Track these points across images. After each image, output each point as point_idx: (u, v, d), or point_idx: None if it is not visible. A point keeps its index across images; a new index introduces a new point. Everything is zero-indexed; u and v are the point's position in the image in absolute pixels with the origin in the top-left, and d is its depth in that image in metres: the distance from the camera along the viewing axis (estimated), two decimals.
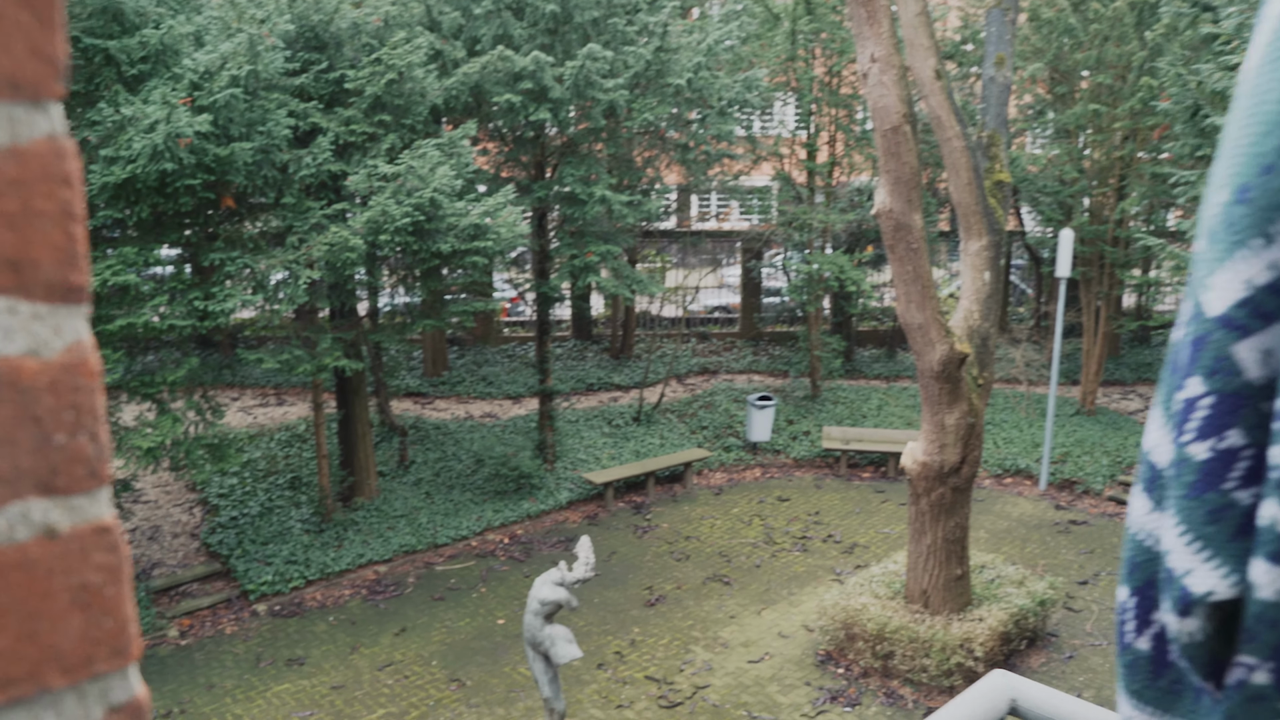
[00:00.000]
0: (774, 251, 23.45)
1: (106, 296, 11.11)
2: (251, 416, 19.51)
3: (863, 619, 11.16)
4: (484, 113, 14.95)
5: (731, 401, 19.74)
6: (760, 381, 21.34)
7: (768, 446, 18.27)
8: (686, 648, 11.89)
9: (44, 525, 0.57)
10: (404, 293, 16.15)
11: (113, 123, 10.75)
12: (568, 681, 11.02)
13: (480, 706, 10.75)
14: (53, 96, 0.58)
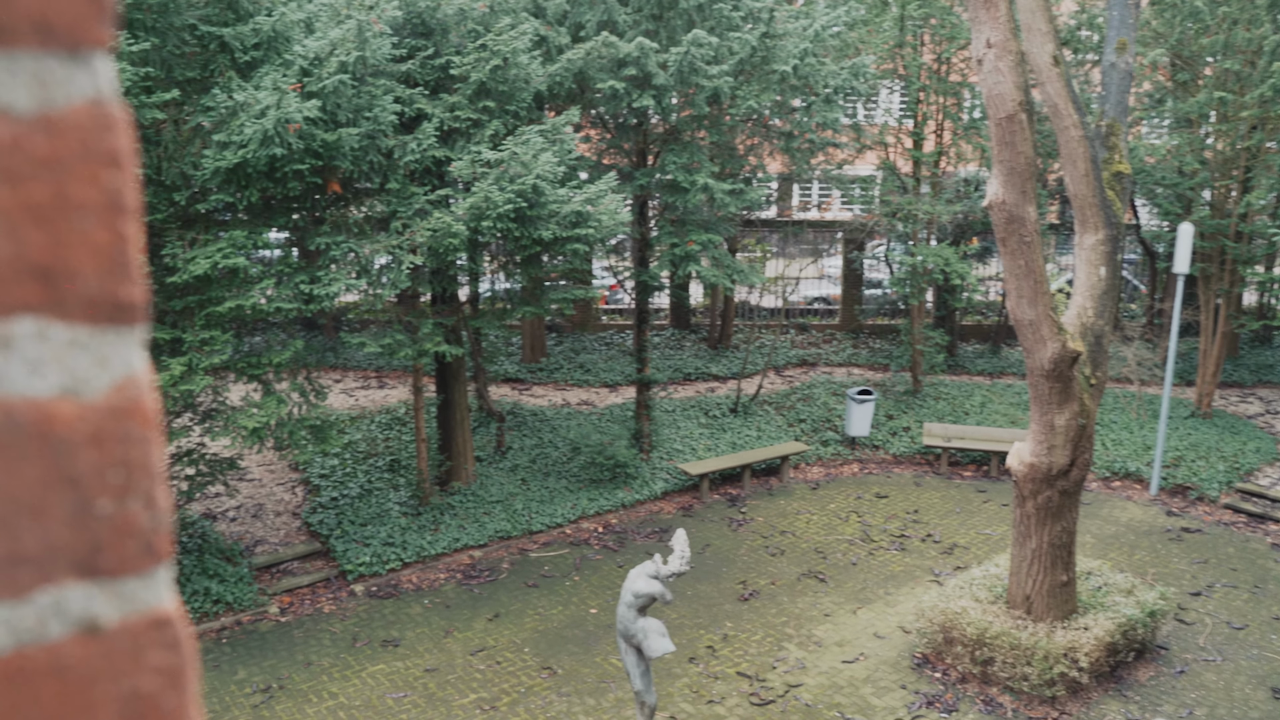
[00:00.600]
0: (877, 242, 22.98)
1: (217, 279, 11.32)
2: (353, 399, 19.82)
3: (962, 623, 10.83)
4: (587, 99, 14.88)
5: (830, 395, 19.40)
6: (860, 375, 20.95)
7: (866, 442, 17.91)
8: (780, 645, 11.69)
9: (84, 618, 0.43)
10: (504, 279, 16.19)
11: (226, 108, 10.94)
12: (659, 675, 10.93)
13: (571, 696, 10.72)
14: (97, 45, 0.44)
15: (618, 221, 13.12)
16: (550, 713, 10.43)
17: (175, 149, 11.45)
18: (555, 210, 12.52)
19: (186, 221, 11.85)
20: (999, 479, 16.88)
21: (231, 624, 12.29)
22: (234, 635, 12.08)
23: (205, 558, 13.16)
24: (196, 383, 10.95)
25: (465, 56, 12.68)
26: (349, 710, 10.55)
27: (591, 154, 16.39)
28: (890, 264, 21.67)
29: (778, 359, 21.29)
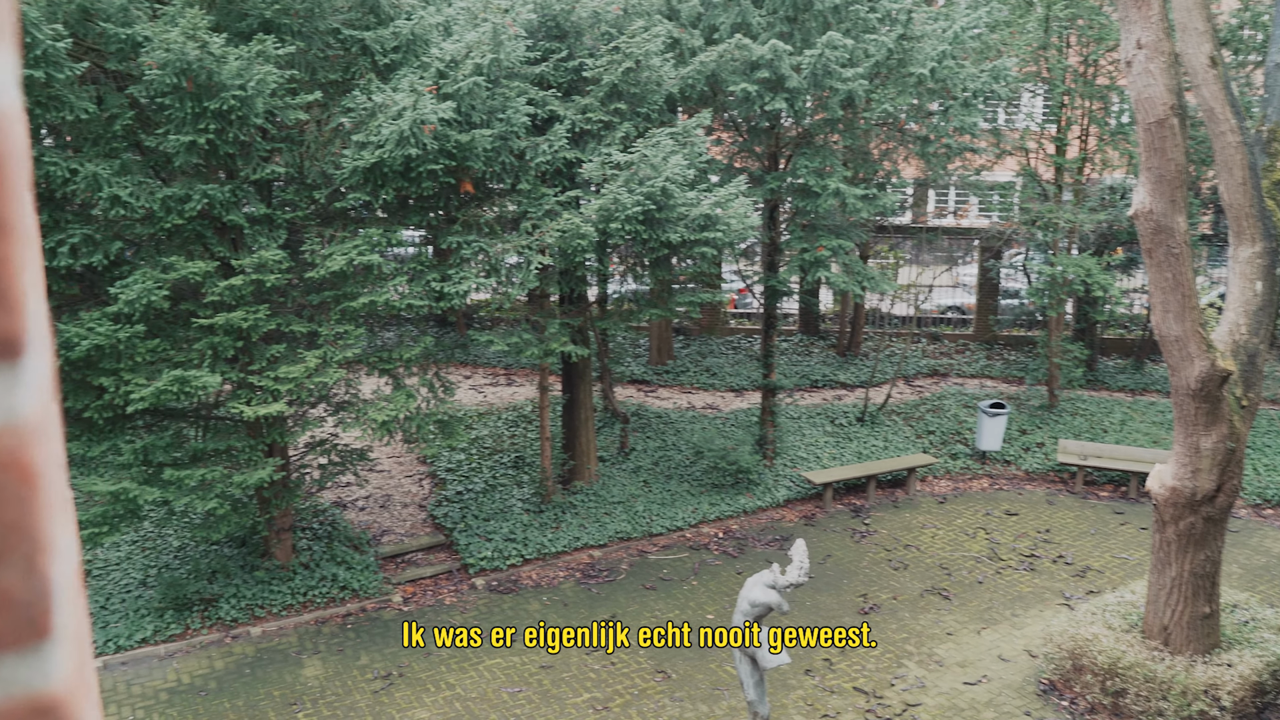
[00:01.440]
0: (1014, 251, 22.26)
1: (352, 275, 11.65)
2: (481, 395, 20.17)
3: (1093, 650, 10.37)
4: (719, 102, 14.81)
5: (961, 407, 18.88)
6: (993, 387, 20.33)
7: (997, 456, 17.36)
8: (899, 661, 11.41)
9: None
10: (632, 281, 16.24)
11: (365, 110, 11.25)
12: (774, 685, 10.78)
13: (684, 701, 10.66)
14: None
15: (746, 225, 13.02)
16: (662, 717, 10.39)
17: (316, 148, 11.83)
18: (684, 213, 12.49)
19: (325, 219, 12.23)
20: (1138, 501, 16.15)
21: (356, 610, 12.62)
22: (358, 622, 12.40)
23: (334, 545, 13.56)
24: (330, 375, 11.28)
25: (598, 59, 12.76)
26: (465, 702, 10.71)
27: (723, 157, 16.32)
28: (1028, 273, 20.96)
29: (908, 368, 20.83)
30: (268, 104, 10.68)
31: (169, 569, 12.94)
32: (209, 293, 10.84)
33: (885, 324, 23.11)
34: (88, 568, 13.12)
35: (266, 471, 11.31)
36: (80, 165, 10.17)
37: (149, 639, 11.73)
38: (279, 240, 11.49)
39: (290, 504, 12.82)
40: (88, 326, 10.30)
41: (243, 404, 11.03)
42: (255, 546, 13.33)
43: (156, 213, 10.59)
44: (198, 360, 10.95)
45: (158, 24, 10.06)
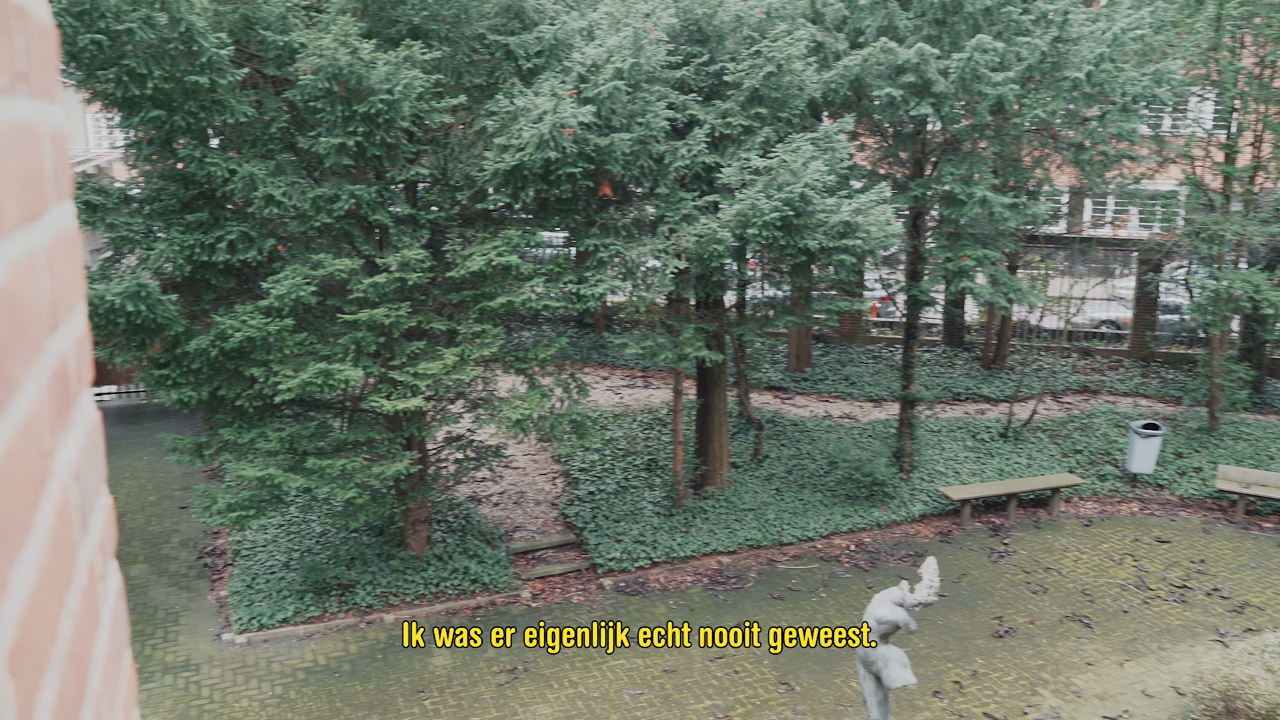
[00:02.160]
0: (1176, 264, 21.17)
1: (490, 275, 11.86)
2: (618, 396, 20.31)
3: (1249, 693, 9.74)
4: (863, 107, 14.54)
5: (1112, 426, 18.05)
6: (1147, 407, 19.37)
7: (1150, 480, 16.53)
8: (1034, 689, 10.97)
9: None
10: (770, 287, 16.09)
11: (507, 113, 11.45)
12: (900, 705, 10.51)
13: (806, 715, 10.49)
14: None
15: (887, 233, 12.73)
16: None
17: (460, 151, 12.11)
18: (823, 220, 12.31)
19: (467, 220, 12.50)
20: None
21: (486, 604, 12.86)
22: (487, 614, 12.63)
23: (467, 539, 13.85)
24: (467, 373, 11.53)
25: (739, 63, 12.68)
26: (587, 701, 10.79)
27: (867, 163, 16.01)
28: (1190, 288, 19.89)
29: (1056, 384, 20.05)
30: (414, 107, 10.97)
31: (311, 553, 13.44)
32: (354, 289, 11.20)
33: (1033, 337, 22.30)
34: (237, 548, 13.74)
35: (404, 464, 11.62)
36: (239, 166, 10.66)
37: (289, 619, 12.21)
38: (422, 240, 11.79)
39: (426, 496, 13.15)
40: (241, 319, 10.78)
41: (383, 398, 11.37)
42: (392, 536, 13.73)
43: (307, 212, 11.01)
44: (342, 354, 11.33)
45: (313, 31, 10.46)
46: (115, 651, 0.95)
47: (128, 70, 9.79)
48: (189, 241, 10.90)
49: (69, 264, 0.88)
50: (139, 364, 11.47)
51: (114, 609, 0.96)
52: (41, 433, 0.70)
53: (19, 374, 0.64)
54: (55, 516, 0.73)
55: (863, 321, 23.35)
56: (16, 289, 0.66)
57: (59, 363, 0.80)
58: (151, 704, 10.72)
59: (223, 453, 11.90)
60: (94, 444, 0.93)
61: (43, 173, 0.81)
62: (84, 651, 0.79)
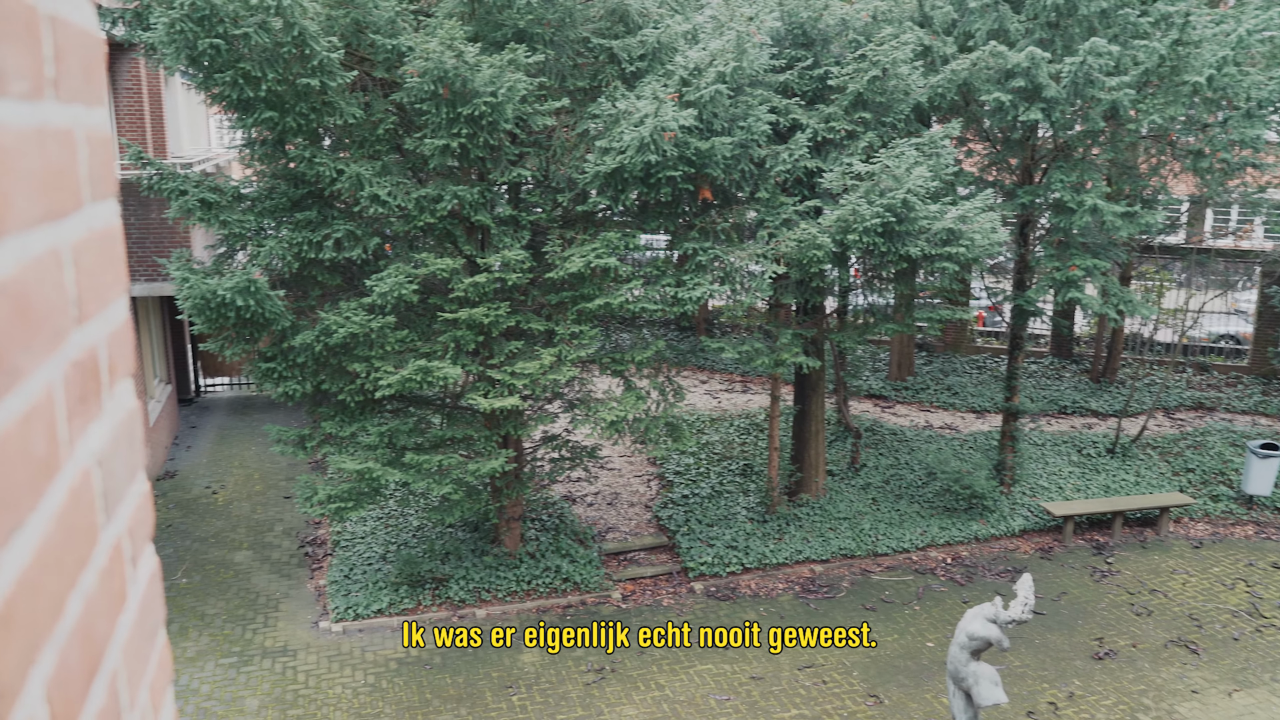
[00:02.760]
0: None
1: (589, 277, 11.96)
2: (716, 400, 20.28)
3: None
4: (971, 112, 14.26)
5: (1228, 445, 17.34)
6: (1267, 426, 18.56)
7: (1267, 502, 15.83)
8: (1134, 715, 10.61)
9: None
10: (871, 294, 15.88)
11: (609, 116, 11.54)
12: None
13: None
14: None
15: (992, 241, 12.46)
16: None
17: (562, 153, 12.23)
18: (925, 226, 12.11)
19: (568, 221, 12.63)
20: None
21: (576, 603, 12.96)
22: (577, 613, 12.73)
23: (560, 538, 13.98)
24: (564, 373, 11.64)
25: (844, 67, 12.55)
26: (673, 704, 10.80)
27: (974, 169, 15.69)
28: None
29: (1168, 399, 19.35)
30: (517, 110, 11.13)
31: (407, 547, 13.72)
32: (455, 289, 11.41)
33: (1146, 350, 21.57)
34: (337, 538, 14.11)
35: (499, 462, 11.78)
36: (346, 166, 10.95)
37: (384, 610, 12.49)
38: (523, 241, 11.95)
39: (521, 494, 13.32)
40: (345, 315, 11.07)
41: (480, 396, 11.55)
42: (486, 533, 13.93)
43: (411, 211, 11.26)
44: (441, 352, 11.55)
45: (420, 35, 10.69)
46: (144, 632, 0.99)
47: (243, 73, 10.14)
48: (297, 239, 11.24)
49: (104, 261, 0.92)
50: (248, 357, 11.86)
51: (145, 592, 1.00)
52: (53, 420, 0.74)
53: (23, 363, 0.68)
54: (68, 499, 0.76)
55: (968, 331, 22.89)
56: (27, 283, 0.69)
57: (84, 355, 0.84)
58: (250, 686, 11.08)
59: (325, 445, 12.23)
60: (127, 434, 0.97)
61: (75, 173, 0.85)
62: (99, 629, 0.82)
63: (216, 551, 14.11)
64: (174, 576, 13.42)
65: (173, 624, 12.32)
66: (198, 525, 14.89)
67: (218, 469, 16.92)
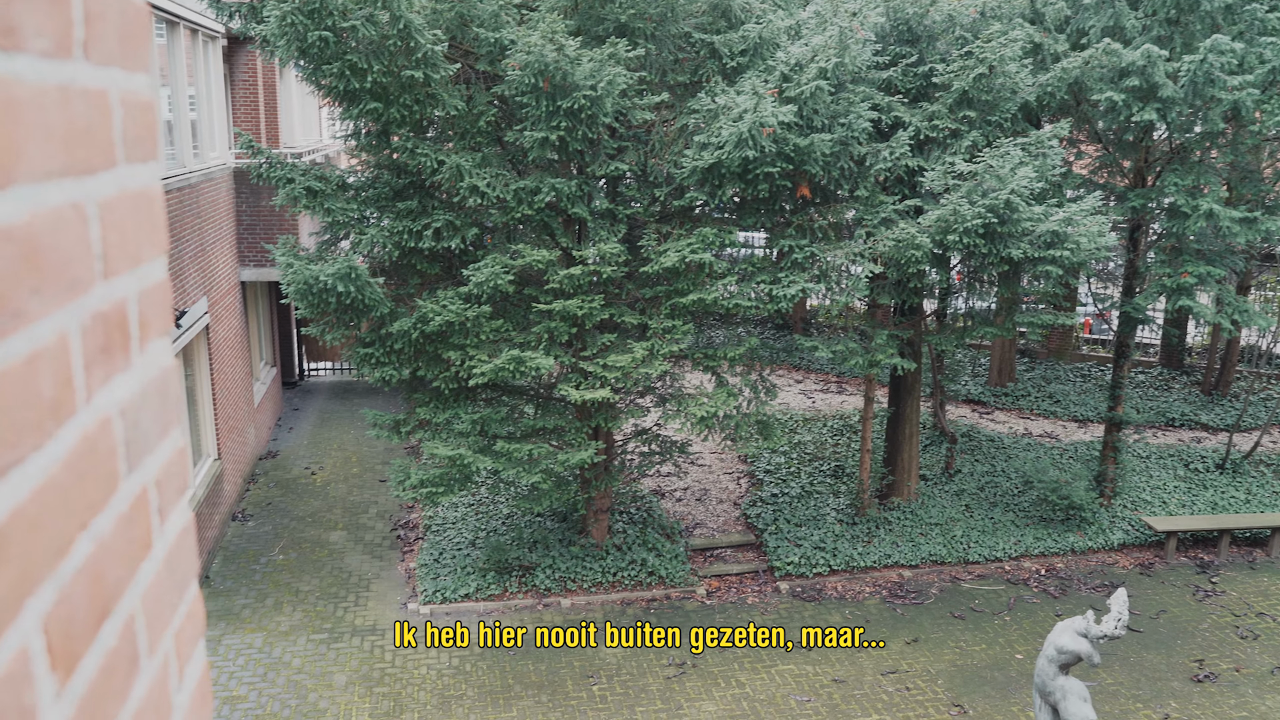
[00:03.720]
0: None
1: (684, 272, 11.96)
2: (810, 400, 20.11)
3: None
4: (1082, 112, 13.86)
5: None
6: None
7: None
8: None
9: None
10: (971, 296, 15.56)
11: (708, 111, 11.51)
12: None
13: None
14: None
15: (1099, 245, 12.10)
16: None
17: (661, 148, 12.25)
18: (1028, 228, 11.82)
19: (664, 216, 12.64)
20: None
21: (661, 597, 12.99)
22: (660, 608, 12.75)
23: (648, 531, 14.02)
24: (656, 367, 11.67)
25: (949, 64, 12.32)
26: (752, 702, 10.75)
27: (1084, 171, 15.26)
28: None
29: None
30: (616, 104, 11.18)
31: (496, 534, 13.91)
32: (550, 280, 11.52)
33: (1264, 363, 20.71)
34: (428, 523, 14.38)
35: (589, 453, 11.86)
36: (447, 157, 11.13)
37: (471, 595, 12.69)
38: (619, 234, 12.00)
39: (610, 487, 13.39)
40: (442, 304, 11.26)
41: (572, 387, 11.65)
42: (574, 523, 14.05)
43: (509, 203, 11.40)
44: (535, 342, 11.68)
45: (523, 28, 10.81)
46: (171, 582, 1.02)
47: (350, 64, 10.38)
48: (398, 228, 11.48)
49: (138, 221, 0.95)
50: (347, 342, 12.16)
51: (174, 544, 1.04)
52: (67, 366, 0.77)
53: (30, 307, 0.71)
54: (81, 444, 0.79)
55: (1073, 337, 22.27)
56: (38, 231, 0.72)
57: (109, 308, 0.87)
58: (339, 662, 11.36)
59: (419, 431, 12.47)
60: (159, 390, 1.00)
61: (107, 134, 0.88)
62: (113, 573, 0.85)
63: (313, 530, 14.50)
64: (271, 553, 13.83)
65: (268, 599, 12.70)
66: (296, 504, 15.32)
67: (317, 451, 17.38)
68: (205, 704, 1.13)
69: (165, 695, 0.99)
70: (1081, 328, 22.95)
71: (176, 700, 1.03)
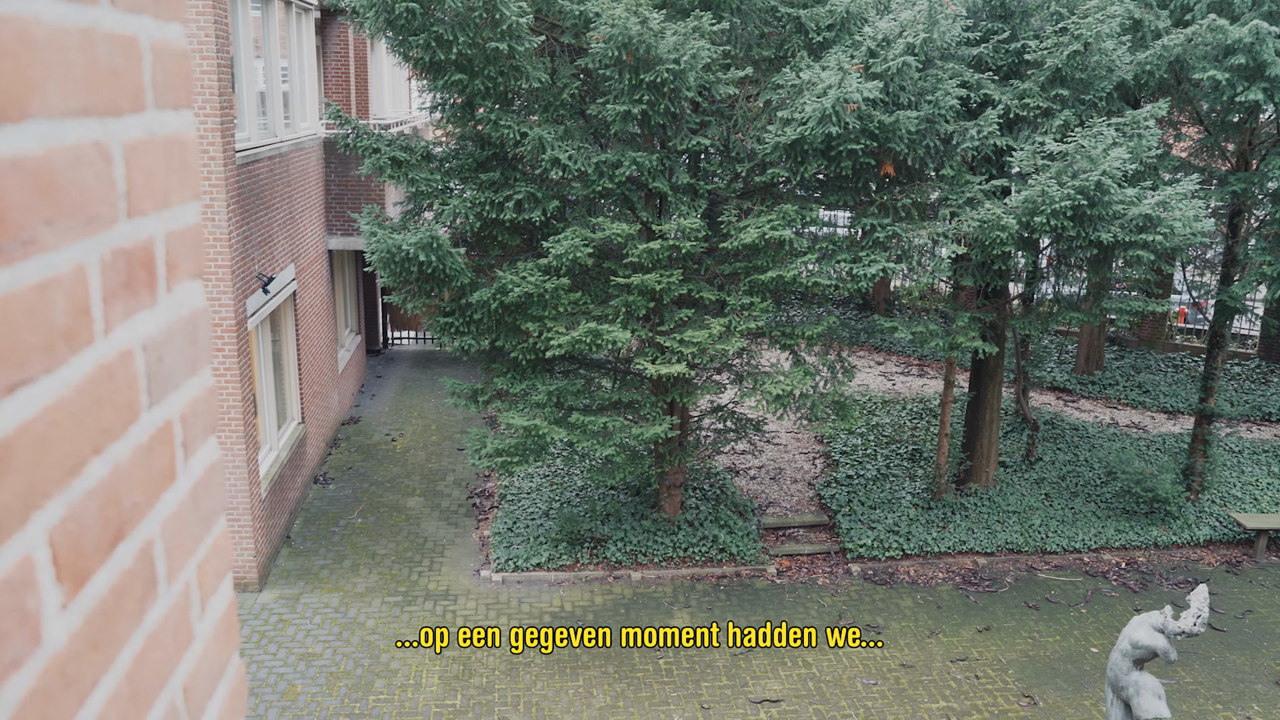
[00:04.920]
0: None
1: (763, 248, 11.88)
2: (890, 382, 19.88)
3: None
4: (1182, 91, 13.41)
5: None
6: None
7: None
8: None
9: None
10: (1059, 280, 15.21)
11: (792, 86, 11.40)
12: None
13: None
14: None
15: (1194, 230, 11.72)
16: None
17: (744, 123, 12.17)
18: (1120, 211, 11.50)
19: (746, 192, 12.57)
20: None
21: (731, 574, 13.00)
22: (730, 585, 12.77)
23: (720, 508, 14.03)
24: (732, 343, 11.63)
25: (1043, 41, 12.01)
26: (818, 682, 10.72)
27: (1184, 153, 14.78)
28: None
29: None
30: (700, 78, 11.13)
31: (569, 505, 14.05)
32: (629, 254, 11.54)
33: None
34: (503, 492, 14.58)
35: (663, 428, 11.90)
36: (530, 129, 11.21)
37: (543, 565, 12.85)
38: (699, 209, 11.97)
39: (683, 462, 13.42)
40: (522, 275, 11.37)
41: (648, 361, 11.68)
42: (647, 498, 14.12)
43: (591, 176, 11.44)
44: (612, 316, 11.73)
45: (607, 1, 10.80)
46: (196, 515, 1.07)
47: (436, 36, 10.49)
48: (481, 199, 11.60)
49: (167, 164, 0.99)
50: (428, 311, 12.35)
51: (200, 479, 1.08)
52: (83, 296, 0.81)
53: (43, 237, 0.74)
54: (96, 372, 0.83)
55: (1166, 326, 21.64)
56: (54, 164, 0.76)
57: (133, 246, 0.91)
58: (412, 625, 11.61)
59: (496, 400, 12.63)
60: (188, 330, 1.04)
61: (136, 79, 0.91)
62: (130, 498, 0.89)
63: (391, 496, 14.81)
64: (350, 516, 14.16)
65: (345, 560, 13.01)
66: (376, 469, 15.65)
67: (398, 418, 17.72)
68: (229, 637, 1.17)
69: (185, 623, 1.03)
70: (1175, 316, 22.29)
71: (198, 629, 1.07)
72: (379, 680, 10.59)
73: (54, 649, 0.75)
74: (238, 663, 1.21)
